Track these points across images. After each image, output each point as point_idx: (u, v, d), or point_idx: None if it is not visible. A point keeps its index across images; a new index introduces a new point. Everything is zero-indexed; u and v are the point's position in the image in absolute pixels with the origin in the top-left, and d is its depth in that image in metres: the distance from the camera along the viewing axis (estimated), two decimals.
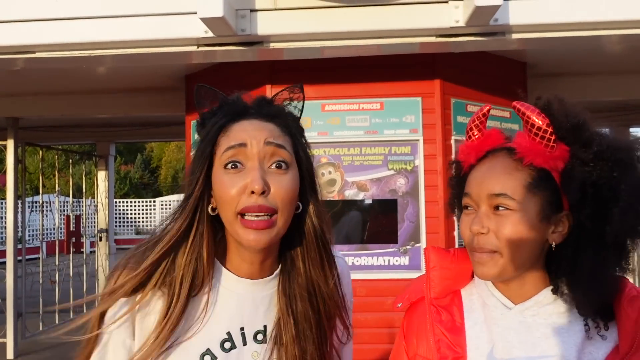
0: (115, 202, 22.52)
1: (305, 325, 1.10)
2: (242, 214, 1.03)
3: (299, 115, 1.18)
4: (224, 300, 1.10)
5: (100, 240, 8.51)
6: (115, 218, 22.13)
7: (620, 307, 0.94)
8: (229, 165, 1.04)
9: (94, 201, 8.69)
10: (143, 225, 23.22)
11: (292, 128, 1.14)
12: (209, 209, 1.08)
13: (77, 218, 8.25)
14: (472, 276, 1.12)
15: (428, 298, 1.08)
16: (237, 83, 4.85)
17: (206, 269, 1.07)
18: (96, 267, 8.41)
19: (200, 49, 3.66)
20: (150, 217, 23.27)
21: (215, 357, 1.08)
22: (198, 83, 1.19)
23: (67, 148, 9.07)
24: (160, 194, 30.94)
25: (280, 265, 1.15)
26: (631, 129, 8.46)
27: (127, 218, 23.24)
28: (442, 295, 1.08)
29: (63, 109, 6.46)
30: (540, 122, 0.95)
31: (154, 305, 1.06)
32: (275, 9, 3.44)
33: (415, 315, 1.12)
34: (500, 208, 0.97)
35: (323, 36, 3.58)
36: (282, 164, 1.05)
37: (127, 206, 23.48)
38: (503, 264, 0.96)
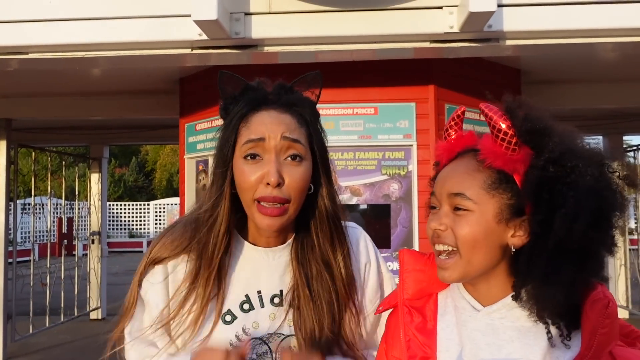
0: (109, 205, 22.44)
1: (319, 289, 1.20)
2: (258, 201, 1.15)
3: (316, 101, 1.28)
4: (241, 267, 1.23)
5: (93, 243, 8.47)
6: (109, 221, 22.04)
7: (584, 312, 0.93)
8: (248, 157, 1.16)
9: (87, 204, 8.65)
10: (137, 229, 23.13)
11: (307, 115, 1.23)
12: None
13: (70, 220, 8.21)
14: None
15: (401, 299, 1.10)
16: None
17: (233, 240, 1.21)
18: (88, 270, 8.36)
19: (195, 51, 3.65)
20: (144, 221, 23.19)
21: (235, 317, 1.19)
22: (220, 70, 1.27)
23: (61, 150, 9.03)
24: (154, 198, 30.84)
25: (293, 235, 1.26)
26: (625, 137, 8.50)
27: (121, 221, 23.14)
28: (415, 297, 1.10)
29: (56, 110, 6.43)
30: (501, 125, 0.95)
31: (184, 268, 1.21)
32: (270, 13, 3.43)
33: (393, 318, 1.13)
34: (459, 208, 0.98)
35: (317, 40, 3.57)
36: (297, 157, 1.16)
37: (120, 209, 23.39)
38: (463, 265, 0.97)
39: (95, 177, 8.63)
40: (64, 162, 8.31)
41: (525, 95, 4.74)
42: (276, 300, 1.22)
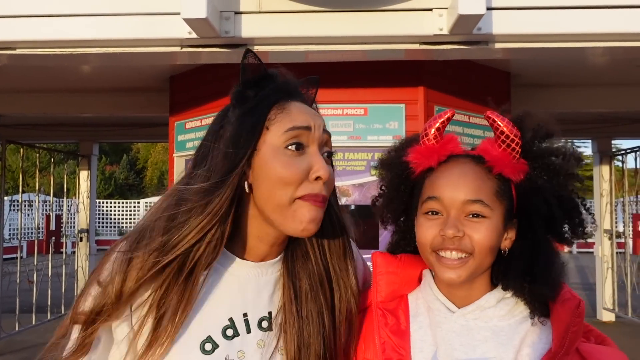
0: (99, 202, 22.31)
1: (310, 307, 1.05)
2: (300, 198, 0.99)
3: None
4: (225, 284, 1.03)
5: (81, 240, 8.42)
6: (98, 219, 21.91)
7: (554, 309, 0.98)
8: (292, 146, 0.99)
9: (76, 201, 8.60)
10: (127, 227, 23.02)
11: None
12: (245, 185, 1.01)
13: (58, 218, 8.16)
14: (419, 281, 1.14)
15: (375, 302, 1.09)
16: (221, 85, 4.83)
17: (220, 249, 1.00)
18: (76, 268, 8.31)
19: (184, 49, 3.63)
20: (134, 219, 23.07)
21: (217, 345, 1.00)
22: (247, 48, 1.14)
23: (51, 147, 8.97)
24: (145, 196, 30.71)
25: (285, 249, 1.11)
26: (613, 141, 8.56)
27: (111, 219, 23.01)
28: (388, 299, 1.10)
29: (45, 107, 6.39)
30: (513, 133, 0.99)
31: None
32: (260, 12, 3.43)
33: (365, 320, 1.13)
34: (476, 215, 0.99)
35: (308, 40, 3.57)
36: (330, 154, 1.07)
37: (110, 207, 23.26)
38: (474, 268, 0.99)
39: (84, 175, 8.58)
40: (52, 159, 8.26)
41: (514, 99, 4.79)
42: (264, 324, 1.05)
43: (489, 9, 3.23)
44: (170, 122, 5.51)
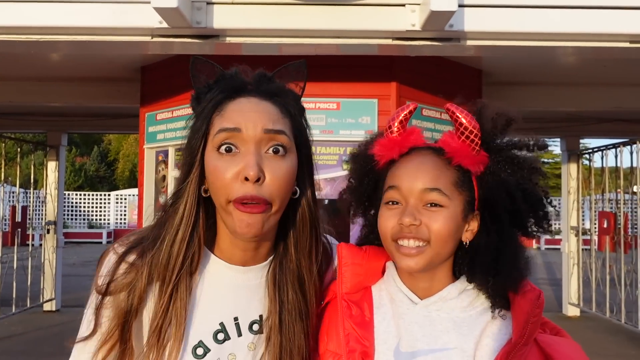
0: (68, 194, 21.90)
1: (295, 315, 1.07)
2: (234, 202, 0.98)
3: (300, 94, 1.13)
4: (214, 289, 1.06)
5: (48, 232, 8.25)
6: (68, 211, 21.52)
7: (514, 300, 1.01)
8: (223, 148, 0.99)
9: (44, 192, 8.42)
10: (96, 219, 22.65)
11: (292, 108, 1.07)
12: (202, 190, 1.04)
13: (24, 209, 7.98)
14: (383, 273, 1.15)
15: (340, 293, 1.09)
16: None
17: (201, 255, 1.04)
18: (42, 261, 8.14)
19: (155, 39, 3.58)
20: (104, 211, 22.73)
21: (208, 349, 1.03)
22: (194, 56, 1.11)
23: (20, 137, 8.76)
24: (116, 188, 30.28)
25: (273, 253, 1.11)
26: (581, 140, 8.73)
27: (80, 211, 22.62)
28: (353, 290, 1.10)
29: (11, 95, 6.23)
30: (471, 125, 1.01)
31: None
32: (233, 3, 3.40)
33: (327, 313, 1.14)
34: (434, 204, 1.01)
35: (281, 33, 3.55)
36: (280, 148, 1.00)
37: (80, 199, 22.86)
38: (431, 256, 1.01)
39: (52, 165, 8.39)
40: (19, 150, 8.06)
41: (485, 96, 4.87)
42: (255, 327, 1.07)
43: (460, 6, 3.25)
44: (141, 113, 5.43)
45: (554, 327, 1.09)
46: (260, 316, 1.08)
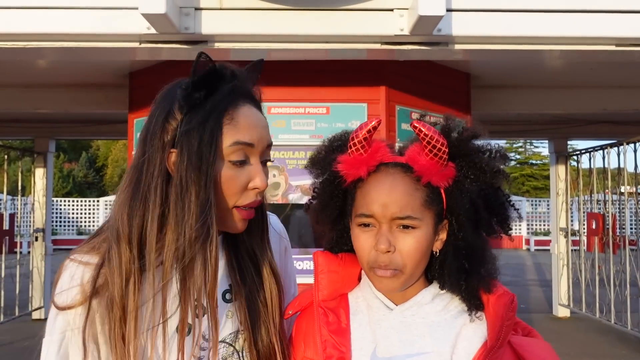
0: (56, 201, 21.72)
1: (253, 288, 1.14)
2: (238, 206, 1.08)
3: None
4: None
5: (37, 240, 8.17)
6: (56, 218, 21.35)
7: (488, 304, 1.03)
8: (237, 162, 1.06)
9: (31, 199, 8.34)
10: (85, 226, 22.48)
11: None
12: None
13: (12, 217, 7.89)
14: (359, 279, 1.16)
15: (316, 301, 1.11)
16: None
17: None
18: (31, 269, 8.07)
19: (143, 45, 3.56)
20: (93, 217, 22.56)
21: (190, 326, 1.07)
22: (200, 52, 1.07)
23: (7, 144, 8.68)
24: (105, 194, 30.08)
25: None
26: (569, 142, 8.80)
27: (69, 218, 22.43)
28: (330, 297, 1.12)
29: None
30: (439, 142, 1.00)
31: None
32: (221, 9, 3.39)
33: (304, 320, 1.15)
34: (406, 227, 1.02)
35: (270, 38, 3.55)
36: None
37: (68, 205, 22.68)
38: (405, 279, 1.03)
39: (40, 172, 8.32)
40: (7, 156, 7.99)
41: (474, 99, 4.87)
42: (228, 296, 1.14)
43: (448, 10, 3.27)
44: (130, 119, 5.40)
45: (525, 327, 1.12)
46: (230, 285, 1.14)
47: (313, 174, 1.19)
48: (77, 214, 22.58)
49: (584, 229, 8.17)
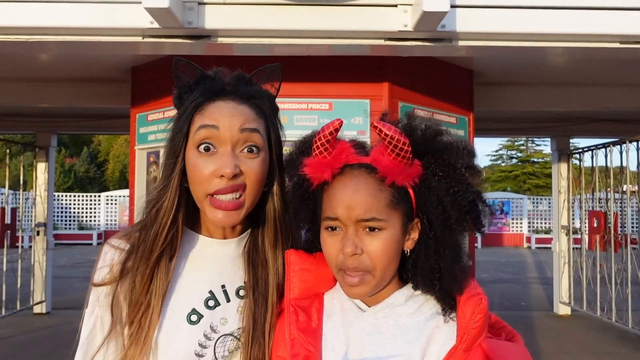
0: (58, 195, 21.72)
1: (260, 296, 1.17)
2: (212, 195, 1.11)
3: (275, 94, 1.25)
4: (200, 262, 1.18)
5: (38, 234, 8.18)
6: (58, 212, 21.35)
7: (459, 305, 1.01)
8: (202, 148, 1.11)
9: (33, 194, 8.35)
10: (86, 221, 22.49)
11: (266, 109, 1.19)
12: (184, 182, 1.16)
13: (13, 211, 7.90)
14: (335, 281, 1.13)
15: (287, 299, 1.10)
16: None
17: (179, 238, 1.16)
18: (32, 263, 8.08)
19: (146, 40, 3.55)
20: (95, 212, 22.57)
21: (202, 315, 1.14)
22: (176, 57, 1.21)
23: (8, 138, 8.67)
24: (106, 189, 30.09)
25: (249, 229, 1.23)
26: (571, 140, 8.79)
27: (70, 213, 22.44)
28: (302, 296, 1.10)
29: (1, 96, 6.17)
30: (401, 142, 0.97)
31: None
32: (225, 4, 3.38)
33: (280, 321, 1.15)
34: (372, 228, 1.00)
35: (273, 33, 3.54)
36: (254, 148, 1.11)
37: (70, 200, 22.68)
38: (374, 283, 1.02)
39: (42, 167, 8.33)
40: (8, 151, 7.99)
41: (477, 96, 4.85)
42: (242, 292, 1.19)
43: (452, 6, 3.26)
44: (132, 114, 5.40)
45: (510, 332, 1.10)
46: (245, 283, 1.20)
47: (288, 177, 1.18)
48: (78, 209, 22.58)
49: (585, 227, 8.16)
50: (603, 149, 7.50)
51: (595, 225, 7.62)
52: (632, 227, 12.01)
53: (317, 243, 1.12)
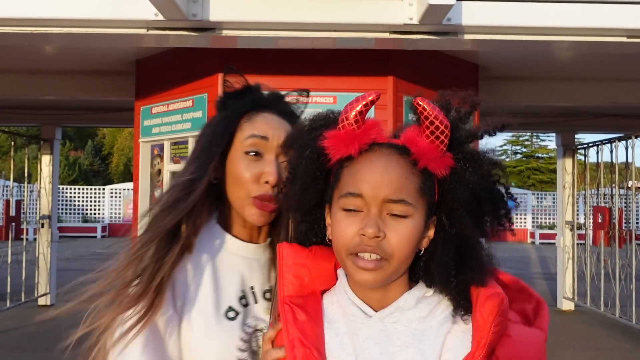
0: (62, 188, 21.78)
1: None
2: (254, 197, 1.19)
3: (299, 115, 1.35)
4: (233, 263, 1.23)
5: (43, 227, 8.21)
6: (62, 205, 21.42)
7: (476, 307, 0.91)
8: (251, 153, 1.21)
9: (38, 186, 8.37)
10: (91, 214, 22.56)
11: None
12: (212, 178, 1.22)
13: (18, 203, 7.93)
14: (335, 279, 1.04)
15: (281, 297, 0.99)
16: (188, 69, 4.74)
17: (216, 232, 1.24)
18: (37, 255, 8.11)
19: (150, 32, 3.55)
20: (99, 205, 22.63)
21: (237, 312, 1.20)
22: (227, 65, 1.32)
23: (13, 130, 8.69)
24: (111, 182, 30.16)
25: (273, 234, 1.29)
26: (576, 135, 8.75)
27: (75, 205, 22.49)
28: (297, 294, 1.00)
29: (5, 88, 6.18)
30: (443, 124, 0.90)
31: None
32: None
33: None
34: (397, 215, 0.91)
35: (278, 26, 3.53)
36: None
37: (74, 193, 22.74)
38: (390, 272, 0.92)
39: (46, 159, 8.34)
40: (13, 143, 8.01)
41: (482, 90, 4.82)
42: (268, 295, 1.25)
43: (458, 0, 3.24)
44: (136, 106, 5.40)
45: (535, 306, 1.00)
46: (271, 286, 1.26)
47: (290, 154, 1.07)
48: (82, 201, 22.64)
49: (590, 222, 8.13)
50: (608, 144, 7.47)
51: (599, 220, 7.59)
52: (637, 222, 11.98)
53: (312, 235, 1.05)
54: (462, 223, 0.93)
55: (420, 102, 0.89)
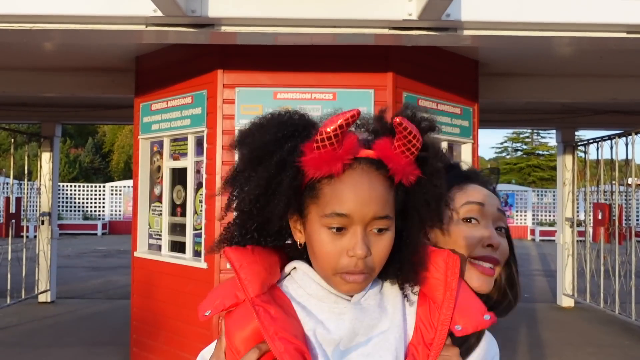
0: (63, 186, 21.80)
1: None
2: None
3: None
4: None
5: (43, 224, 8.21)
6: (62, 202, 21.44)
7: (427, 277, 1.03)
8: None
9: (38, 184, 8.38)
10: (91, 211, 22.57)
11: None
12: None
13: (18, 200, 7.93)
14: (281, 267, 1.06)
15: (249, 299, 0.96)
16: (188, 66, 4.72)
17: None
18: (37, 252, 8.12)
19: (149, 28, 3.54)
20: (99, 203, 22.65)
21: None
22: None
23: (14, 127, 8.69)
24: (111, 179, 30.16)
25: None
26: (577, 132, 8.74)
27: (75, 203, 22.51)
28: (262, 291, 0.98)
29: (5, 85, 6.17)
30: (420, 142, 0.93)
31: None
32: None
33: (234, 319, 1.00)
34: (382, 229, 0.94)
35: (277, 22, 3.52)
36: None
37: (75, 190, 22.75)
38: (372, 278, 0.99)
39: (46, 157, 8.35)
40: (12, 141, 8.01)
41: (482, 87, 4.80)
42: None
43: None
44: (136, 103, 5.39)
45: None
46: None
47: (252, 160, 0.98)
48: (83, 199, 22.65)
49: (589, 219, 8.13)
50: (608, 141, 7.46)
51: (599, 217, 7.59)
52: (637, 219, 11.97)
53: (239, 235, 1.02)
54: (413, 226, 1.00)
55: (401, 122, 0.90)
